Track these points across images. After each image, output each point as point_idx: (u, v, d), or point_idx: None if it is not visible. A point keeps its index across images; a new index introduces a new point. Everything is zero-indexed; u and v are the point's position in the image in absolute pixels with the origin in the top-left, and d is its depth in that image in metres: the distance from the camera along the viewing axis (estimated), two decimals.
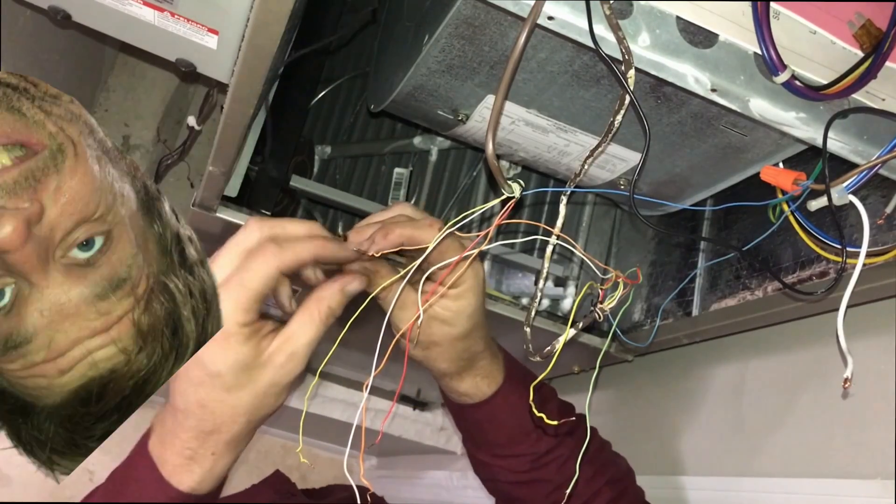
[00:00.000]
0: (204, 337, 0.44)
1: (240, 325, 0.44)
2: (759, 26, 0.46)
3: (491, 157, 0.43)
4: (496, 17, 0.51)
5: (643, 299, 0.86)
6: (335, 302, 0.47)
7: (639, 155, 0.65)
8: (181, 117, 1.25)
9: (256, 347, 0.45)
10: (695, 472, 0.85)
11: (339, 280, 0.48)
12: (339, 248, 0.48)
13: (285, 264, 0.45)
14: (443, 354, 0.55)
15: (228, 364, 0.45)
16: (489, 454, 0.62)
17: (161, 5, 0.54)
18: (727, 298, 0.72)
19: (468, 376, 0.58)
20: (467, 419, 0.61)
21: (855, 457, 0.66)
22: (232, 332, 0.44)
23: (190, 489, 0.48)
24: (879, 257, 0.56)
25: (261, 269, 0.44)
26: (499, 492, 0.65)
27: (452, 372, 0.57)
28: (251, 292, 0.44)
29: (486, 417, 0.59)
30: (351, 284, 0.47)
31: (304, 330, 0.46)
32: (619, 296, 0.49)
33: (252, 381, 0.45)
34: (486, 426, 0.60)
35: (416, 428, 1.49)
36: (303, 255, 0.46)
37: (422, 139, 0.96)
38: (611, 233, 0.94)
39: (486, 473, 0.64)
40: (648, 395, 0.99)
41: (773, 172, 0.55)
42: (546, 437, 0.60)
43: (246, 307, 0.44)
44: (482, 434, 0.61)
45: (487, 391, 0.58)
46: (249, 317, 0.45)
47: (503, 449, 0.60)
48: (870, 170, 0.50)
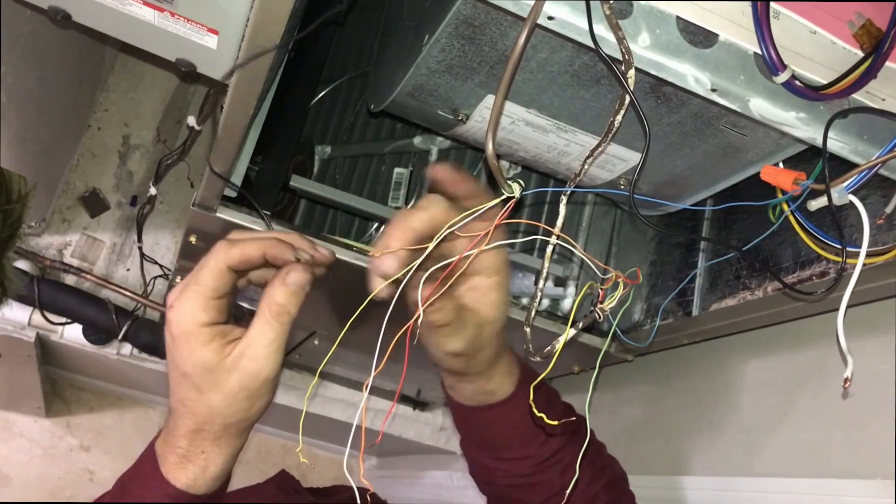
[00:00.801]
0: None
1: (199, 324, 0.46)
2: (759, 26, 0.46)
3: (491, 157, 0.43)
4: (496, 17, 0.51)
5: (643, 299, 0.86)
6: (280, 297, 0.47)
7: (639, 155, 0.65)
8: (181, 117, 1.25)
9: (220, 351, 0.46)
10: (695, 472, 0.85)
11: (278, 275, 0.48)
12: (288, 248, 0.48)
13: (231, 258, 0.47)
14: (487, 354, 0.54)
15: (193, 365, 0.47)
16: (493, 457, 0.61)
17: (161, 5, 0.54)
18: (727, 298, 0.72)
19: (496, 373, 0.56)
20: (479, 422, 0.60)
21: (855, 457, 0.66)
22: (192, 331, 0.46)
23: (186, 487, 0.49)
24: (879, 257, 0.56)
25: (209, 264, 0.47)
26: (495, 494, 0.64)
27: (487, 370, 0.55)
28: (203, 288, 0.46)
29: (502, 417, 0.58)
30: (290, 276, 0.47)
31: (262, 331, 0.47)
32: (619, 296, 0.49)
33: (219, 385, 0.47)
34: (498, 427, 0.59)
35: (416, 428, 1.49)
36: (248, 250, 0.47)
37: (422, 139, 0.96)
38: (611, 233, 0.94)
39: (485, 476, 0.63)
40: (648, 395, 0.99)
41: (773, 172, 0.55)
42: (552, 440, 0.59)
43: (202, 305, 0.46)
44: (490, 436, 0.60)
45: (510, 389, 0.57)
46: (208, 316, 0.46)
47: (509, 451, 0.59)
48: (870, 170, 0.50)
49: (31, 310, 1.11)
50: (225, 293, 0.48)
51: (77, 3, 0.57)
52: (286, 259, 0.48)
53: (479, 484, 0.65)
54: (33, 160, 0.98)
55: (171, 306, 0.47)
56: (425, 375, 1.26)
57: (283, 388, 1.42)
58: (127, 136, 1.22)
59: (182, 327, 0.47)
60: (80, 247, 1.18)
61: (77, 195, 1.18)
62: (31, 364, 1.27)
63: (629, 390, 1.03)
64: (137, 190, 1.22)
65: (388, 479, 1.80)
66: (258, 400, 0.49)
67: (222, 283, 0.47)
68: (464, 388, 0.57)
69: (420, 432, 1.49)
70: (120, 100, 1.21)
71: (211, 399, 0.47)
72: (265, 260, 0.48)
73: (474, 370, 0.55)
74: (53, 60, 0.89)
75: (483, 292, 0.51)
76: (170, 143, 1.23)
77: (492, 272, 0.50)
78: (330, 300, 0.88)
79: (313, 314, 0.94)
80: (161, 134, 1.24)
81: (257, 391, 0.48)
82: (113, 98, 1.21)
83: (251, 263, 0.48)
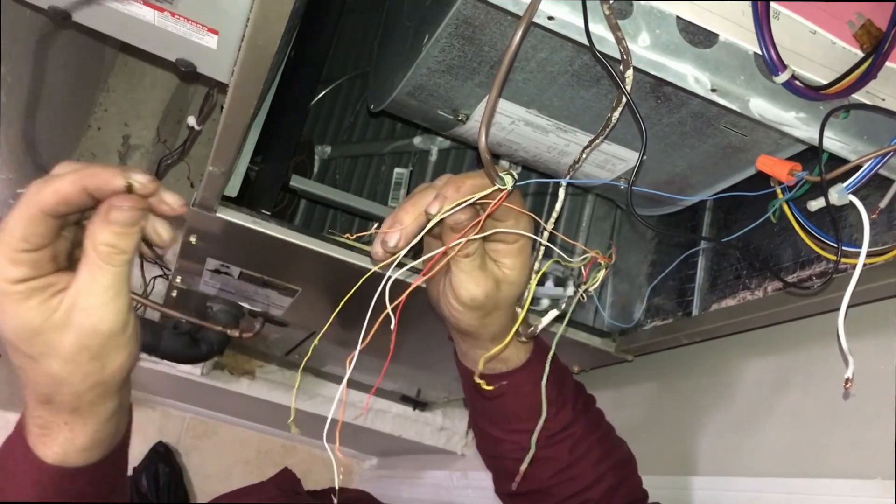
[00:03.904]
0: None
1: (10, 281, 0.38)
2: (759, 26, 0.46)
3: (483, 151, 0.43)
4: (496, 17, 0.51)
5: (643, 299, 0.86)
6: (106, 237, 0.39)
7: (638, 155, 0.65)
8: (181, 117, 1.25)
9: (43, 308, 0.39)
10: (694, 472, 0.85)
11: (99, 210, 0.40)
12: (112, 176, 0.39)
13: (45, 200, 0.38)
14: (502, 316, 0.53)
15: (14, 330, 0.39)
16: (502, 428, 0.60)
17: (161, 5, 0.54)
18: (727, 298, 0.72)
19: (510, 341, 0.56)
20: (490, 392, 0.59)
21: (855, 457, 0.66)
22: (4, 290, 0.38)
23: (56, 462, 0.43)
24: (879, 257, 0.56)
25: (18, 211, 0.39)
26: (503, 468, 0.63)
27: (501, 335, 0.55)
28: (10, 238, 0.38)
29: (513, 387, 0.58)
30: (112, 213, 0.39)
31: (92, 278, 0.39)
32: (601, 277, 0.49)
33: (54, 348, 0.40)
34: (508, 397, 0.59)
35: (416, 428, 1.49)
36: (63, 186, 0.38)
37: (422, 139, 0.96)
38: (611, 233, 0.94)
39: (493, 450, 0.63)
40: (648, 395, 0.99)
41: (769, 162, 0.55)
42: (562, 415, 0.59)
43: (11, 258, 0.38)
44: (502, 407, 0.60)
45: (523, 358, 0.57)
46: (20, 271, 0.39)
47: (519, 423, 0.59)
48: (870, 169, 0.50)
49: None
50: (41, 244, 0.39)
51: (77, 3, 0.57)
52: (113, 188, 0.39)
53: (486, 459, 0.65)
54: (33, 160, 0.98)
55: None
56: (425, 375, 1.26)
57: (283, 388, 1.43)
58: (127, 136, 1.22)
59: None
60: None
61: None
62: None
63: (629, 390, 1.03)
64: None
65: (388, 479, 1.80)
66: (109, 359, 0.41)
67: (34, 231, 0.39)
68: (477, 354, 0.57)
69: (420, 432, 1.49)
70: (120, 100, 1.21)
71: (48, 366, 0.40)
72: (90, 197, 0.39)
73: (488, 331, 0.54)
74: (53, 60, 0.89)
75: (503, 254, 0.51)
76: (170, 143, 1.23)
77: (513, 239, 0.49)
78: (330, 300, 0.88)
79: (313, 314, 0.94)
80: (161, 134, 1.24)
81: (103, 349, 0.40)
82: (113, 98, 1.21)
83: (73, 204, 0.39)
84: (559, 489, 0.59)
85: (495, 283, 0.51)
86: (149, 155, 1.24)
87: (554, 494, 0.60)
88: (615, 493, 0.61)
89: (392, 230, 0.46)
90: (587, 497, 0.60)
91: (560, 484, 0.59)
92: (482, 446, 0.64)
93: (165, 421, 1.86)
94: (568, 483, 0.58)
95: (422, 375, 1.26)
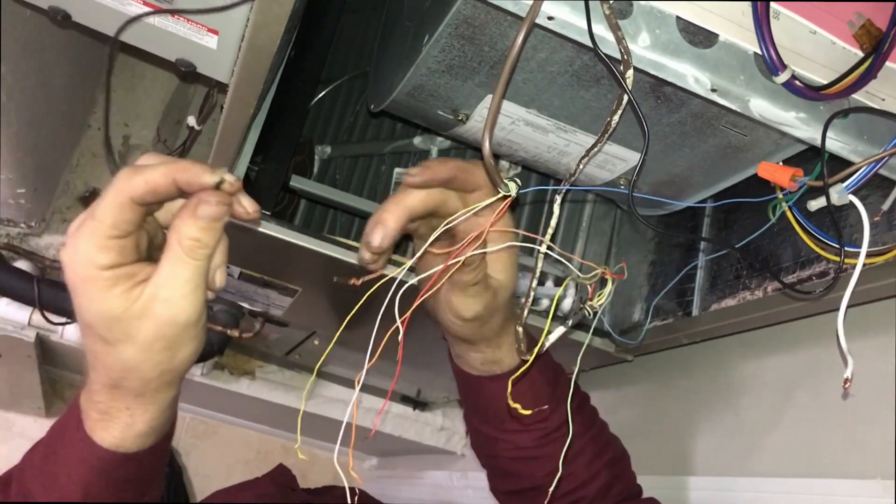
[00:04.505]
0: None
1: (98, 267, 0.39)
2: (759, 26, 0.46)
3: (487, 157, 0.43)
4: (496, 17, 0.51)
5: (643, 299, 0.86)
6: (192, 231, 0.40)
7: (638, 155, 0.65)
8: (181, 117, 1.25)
9: (126, 297, 0.39)
10: (694, 472, 0.85)
11: (187, 204, 0.41)
12: (203, 172, 0.40)
13: (134, 188, 0.39)
14: (499, 318, 0.54)
15: (95, 315, 0.40)
16: (496, 428, 0.61)
17: (161, 5, 0.54)
18: (727, 298, 0.72)
19: (504, 343, 0.57)
20: (483, 391, 0.60)
21: (855, 457, 0.66)
22: (90, 276, 0.39)
23: (113, 446, 0.43)
24: (879, 257, 0.56)
25: (109, 198, 0.39)
26: (498, 467, 0.63)
27: (496, 338, 0.56)
28: (100, 225, 0.39)
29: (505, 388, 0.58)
30: (201, 208, 0.40)
31: (174, 270, 0.40)
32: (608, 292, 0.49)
33: (131, 336, 0.40)
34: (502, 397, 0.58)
35: (416, 428, 1.49)
36: (154, 176, 0.39)
37: (422, 139, 0.96)
38: (611, 233, 0.94)
39: (488, 448, 0.63)
40: (648, 395, 0.99)
41: (770, 169, 0.55)
42: (556, 414, 0.59)
43: (100, 245, 0.39)
44: (495, 407, 0.60)
45: (517, 359, 0.57)
46: (109, 257, 0.39)
47: (513, 422, 0.59)
48: (870, 169, 0.50)
49: (31, 310, 1.11)
50: (129, 231, 0.40)
51: (77, 3, 0.57)
52: (202, 184, 0.40)
53: (482, 458, 0.65)
54: (33, 160, 0.98)
55: (64, 245, 0.40)
56: (425, 375, 1.26)
57: (283, 388, 1.42)
58: (127, 136, 1.22)
59: (78, 271, 0.39)
60: None
61: (77, 195, 1.18)
62: (31, 364, 1.27)
63: (629, 390, 1.03)
64: None
65: (388, 479, 1.80)
66: (180, 349, 0.42)
67: (123, 218, 0.39)
68: (471, 357, 0.58)
69: (420, 432, 1.49)
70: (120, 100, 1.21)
71: (123, 352, 0.40)
72: (178, 189, 0.40)
73: (484, 336, 0.55)
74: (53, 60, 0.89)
75: (494, 258, 0.51)
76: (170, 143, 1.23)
77: (499, 240, 0.50)
78: (330, 300, 0.88)
79: (313, 314, 0.94)
80: (161, 134, 1.24)
81: (177, 339, 0.41)
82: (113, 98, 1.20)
83: (160, 194, 0.40)
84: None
85: (492, 293, 0.52)
86: None
87: (548, 492, 0.60)
88: (609, 491, 0.61)
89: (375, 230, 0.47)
90: (582, 495, 0.60)
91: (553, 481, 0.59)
92: (477, 445, 0.65)
93: None
94: (562, 481, 0.59)
95: (422, 375, 1.26)
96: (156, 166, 0.40)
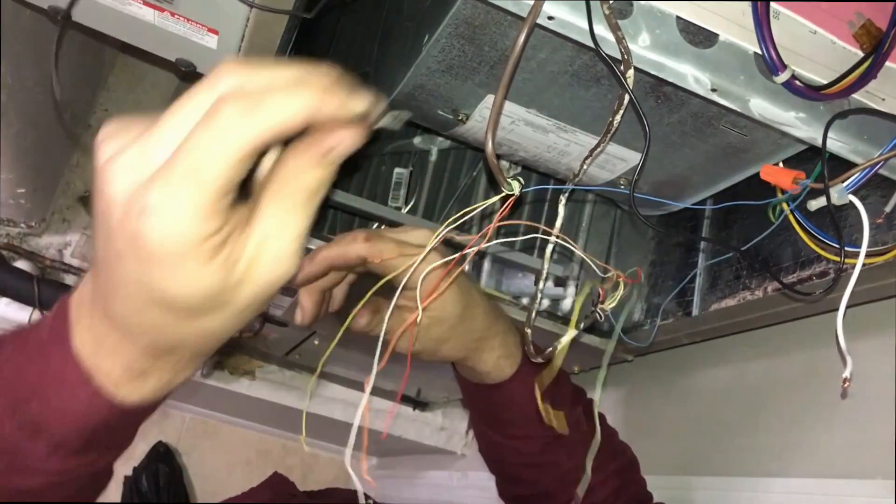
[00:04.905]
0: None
1: (201, 238, 0.28)
2: (759, 26, 0.46)
3: (490, 156, 0.43)
4: (496, 17, 0.51)
5: (643, 299, 0.86)
6: (319, 174, 0.31)
7: (639, 155, 0.65)
8: None
9: (227, 264, 0.30)
10: (694, 472, 0.85)
11: (308, 142, 0.30)
12: (349, 100, 0.30)
13: (261, 135, 0.27)
14: (453, 346, 0.55)
15: (190, 293, 0.30)
16: (501, 433, 0.61)
17: (161, 5, 0.54)
18: (727, 298, 0.72)
19: (487, 356, 0.57)
20: (485, 399, 0.61)
21: (855, 457, 0.66)
22: (188, 251, 0.29)
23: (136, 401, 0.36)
24: (879, 257, 0.56)
25: (220, 147, 0.27)
26: (505, 472, 0.64)
27: (469, 356, 0.57)
28: (210, 188, 0.28)
29: (505, 398, 0.59)
30: (342, 146, 0.31)
31: (287, 221, 0.31)
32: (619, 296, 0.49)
33: (225, 305, 0.32)
34: (504, 406, 0.60)
35: (416, 428, 1.49)
36: (290, 112, 0.28)
37: (422, 139, 0.96)
38: (611, 233, 0.94)
39: (494, 454, 0.63)
40: (648, 395, 0.99)
41: (772, 171, 0.55)
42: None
43: (208, 212, 0.28)
44: (498, 414, 0.61)
45: (508, 371, 0.58)
46: (215, 224, 0.28)
47: (518, 429, 0.60)
48: (870, 169, 0.50)
49: (31, 310, 1.11)
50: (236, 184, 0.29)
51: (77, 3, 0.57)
52: (349, 116, 0.31)
53: (489, 463, 0.66)
54: (33, 160, 0.98)
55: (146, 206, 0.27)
56: (425, 375, 1.26)
57: (283, 388, 1.42)
58: None
59: (172, 245, 0.28)
60: (80, 247, 1.18)
61: (77, 195, 1.18)
62: None
63: (629, 390, 1.03)
64: None
65: (388, 479, 1.80)
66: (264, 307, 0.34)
67: (238, 174, 0.28)
68: (461, 367, 0.59)
69: (420, 432, 1.49)
70: (120, 100, 1.21)
71: (211, 321, 0.32)
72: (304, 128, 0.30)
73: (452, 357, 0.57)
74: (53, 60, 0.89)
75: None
76: None
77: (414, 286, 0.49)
78: None
79: None
80: None
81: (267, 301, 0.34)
82: (113, 98, 1.21)
83: (284, 136, 0.29)
84: (561, 493, 0.60)
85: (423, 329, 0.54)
86: None
87: (556, 499, 0.60)
88: (618, 498, 0.61)
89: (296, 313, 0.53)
90: (590, 501, 0.60)
91: (562, 488, 0.59)
92: (483, 449, 0.65)
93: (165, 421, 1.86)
94: (569, 487, 0.59)
95: (422, 375, 1.26)
96: (282, 96, 0.28)
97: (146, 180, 0.28)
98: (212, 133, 0.27)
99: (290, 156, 0.31)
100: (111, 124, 0.30)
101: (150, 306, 0.31)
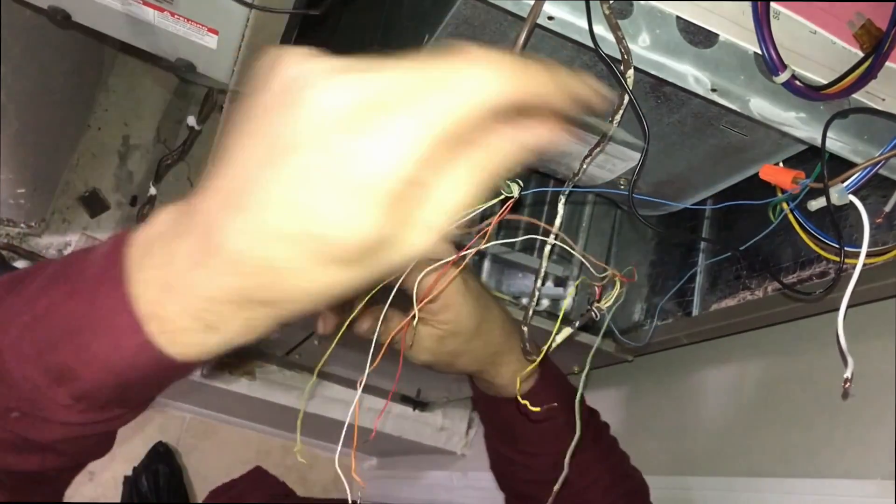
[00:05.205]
0: None
1: (402, 180, 0.26)
2: (759, 26, 0.46)
3: None
4: (496, 17, 0.51)
5: (643, 299, 0.86)
6: (508, 158, 0.29)
7: (639, 155, 0.65)
8: (181, 117, 1.25)
9: (397, 216, 0.27)
10: (694, 472, 0.85)
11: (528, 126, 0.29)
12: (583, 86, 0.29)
13: (508, 94, 0.27)
14: (469, 360, 0.55)
15: (351, 234, 0.27)
16: (515, 450, 0.61)
17: (161, 5, 0.54)
18: (727, 298, 0.72)
19: (504, 369, 0.57)
20: (499, 413, 0.60)
21: (855, 457, 0.66)
22: (381, 190, 0.26)
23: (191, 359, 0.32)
24: (879, 257, 0.56)
25: (467, 98, 0.26)
26: (512, 489, 0.64)
27: (485, 369, 0.57)
28: (437, 131, 0.26)
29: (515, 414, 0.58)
30: (551, 137, 0.29)
31: (459, 188, 0.28)
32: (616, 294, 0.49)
33: (369, 263, 0.29)
34: (518, 421, 0.59)
35: (416, 428, 1.49)
36: (544, 87, 0.28)
37: None
38: (611, 233, 0.94)
39: (505, 470, 0.63)
40: (648, 395, 0.99)
41: (772, 171, 0.55)
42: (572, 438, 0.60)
43: (421, 156, 0.26)
44: (512, 428, 0.60)
45: (525, 386, 0.58)
46: (421, 170, 0.27)
47: (531, 445, 0.60)
48: (870, 169, 0.50)
49: None
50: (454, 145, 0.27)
51: (77, 3, 0.57)
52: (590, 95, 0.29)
53: (500, 480, 0.66)
54: (33, 160, 0.98)
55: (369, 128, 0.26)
56: (426, 375, 1.26)
57: (282, 388, 1.42)
58: (127, 136, 1.22)
59: (371, 176, 0.26)
60: (80, 247, 1.18)
61: (77, 195, 1.18)
62: None
63: (629, 390, 1.03)
64: (137, 190, 1.22)
65: (388, 479, 1.80)
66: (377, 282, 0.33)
67: (468, 130, 0.27)
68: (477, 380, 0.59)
69: (420, 432, 1.49)
70: (120, 100, 1.21)
71: (341, 274, 0.29)
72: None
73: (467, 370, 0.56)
74: (53, 60, 0.89)
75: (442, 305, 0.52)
76: (170, 143, 1.23)
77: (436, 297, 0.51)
78: None
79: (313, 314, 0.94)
80: (161, 134, 1.24)
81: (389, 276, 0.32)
82: (113, 98, 1.21)
83: (524, 106, 0.28)
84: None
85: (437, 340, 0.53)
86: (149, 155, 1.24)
87: None
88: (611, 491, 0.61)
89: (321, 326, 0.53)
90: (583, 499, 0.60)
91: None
92: (496, 465, 0.65)
93: (165, 421, 1.86)
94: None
95: (422, 375, 1.26)
96: (542, 71, 0.28)
97: (375, 104, 0.26)
98: (466, 84, 0.26)
99: (503, 133, 0.29)
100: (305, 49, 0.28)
101: (290, 238, 0.27)
